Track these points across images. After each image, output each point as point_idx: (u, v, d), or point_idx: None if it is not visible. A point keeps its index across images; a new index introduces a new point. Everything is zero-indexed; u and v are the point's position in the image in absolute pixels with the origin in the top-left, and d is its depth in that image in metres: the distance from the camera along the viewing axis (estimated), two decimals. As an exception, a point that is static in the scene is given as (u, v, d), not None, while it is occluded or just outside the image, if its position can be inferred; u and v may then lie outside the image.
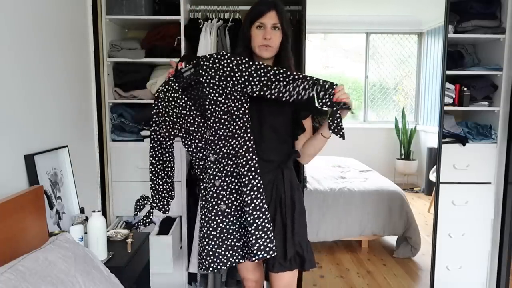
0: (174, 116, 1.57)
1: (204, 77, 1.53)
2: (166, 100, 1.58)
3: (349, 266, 3.16)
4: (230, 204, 1.56)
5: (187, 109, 1.57)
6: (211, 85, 1.53)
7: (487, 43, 2.62)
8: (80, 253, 1.33)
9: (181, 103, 1.57)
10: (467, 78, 2.60)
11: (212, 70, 1.52)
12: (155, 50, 2.43)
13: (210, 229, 1.55)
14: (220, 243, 1.55)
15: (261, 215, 1.50)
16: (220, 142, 1.55)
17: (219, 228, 1.55)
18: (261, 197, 1.51)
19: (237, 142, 1.53)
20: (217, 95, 1.53)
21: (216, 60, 1.52)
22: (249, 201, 1.49)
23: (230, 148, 1.54)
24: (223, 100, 1.53)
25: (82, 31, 2.20)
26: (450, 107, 2.57)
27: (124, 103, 2.50)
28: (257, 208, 1.50)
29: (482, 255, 2.61)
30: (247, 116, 1.52)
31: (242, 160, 1.51)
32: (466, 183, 2.54)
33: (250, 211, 1.49)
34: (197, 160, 1.62)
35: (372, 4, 4.91)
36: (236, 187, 1.56)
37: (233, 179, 1.56)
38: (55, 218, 1.73)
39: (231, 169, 1.55)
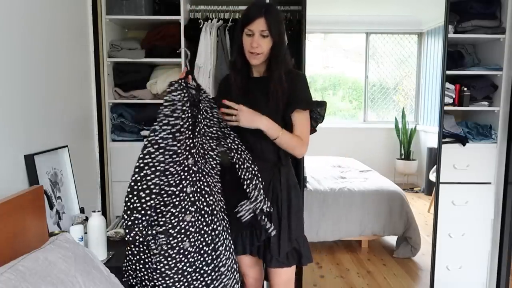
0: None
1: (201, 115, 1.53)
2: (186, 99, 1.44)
3: (349, 266, 3.16)
4: (193, 244, 1.44)
5: (187, 124, 1.43)
6: (204, 121, 1.54)
7: (487, 43, 2.62)
8: (80, 253, 1.33)
9: (183, 116, 1.42)
10: (467, 78, 2.60)
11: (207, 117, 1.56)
12: (155, 50, 2.43)
13: (166, 267, 1.40)
14: (170, 284, 1.42)
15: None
16: (199, 175, 1.46)
17: (176, 268, 1.42)
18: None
19: (208, 199, 1.50)
20: (203, 135, 1.54)
21: (210, 116, 1.56)
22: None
23: (204, 190, 1.49)
24: (204, 145, 1.54)
25: (82, 31, 2.20)
26: (450, 107, 2.57)
27: (124, 103, 2.50)
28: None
29: (482, 255, 2.61)
30: (216, 179, 1.54)
31: (207, 219, 1.48)
32: (466, 183, 2.54)
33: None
34: None
35: (372, 4, 4.91)
36: (201, 226, 1.46)
37: (200, 217, 1.46)
38: (55, 218, 1.73)
39: (201, 207, 1.46)
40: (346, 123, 6.09)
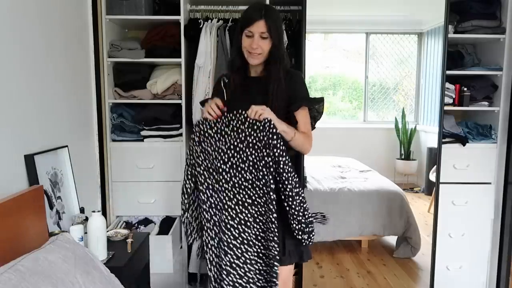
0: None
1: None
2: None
3: (349, 266, 3.16)
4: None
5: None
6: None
7: (487, 43, 2.62)
8: (80, 253, 1.33)
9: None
10: (467, 78, 2.60)
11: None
12: (155, 50, 2.43)
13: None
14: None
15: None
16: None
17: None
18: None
19: None
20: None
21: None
22: None
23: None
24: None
25: (82, 31, 2.20)
26: (450, 107, 2.56)
27: (124, 103, 2.50)
28: None
29: (482, 255, 2.60)
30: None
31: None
32: (466, 183, 2.54)
33: None
34: None
35: (372, 4, 4.91)
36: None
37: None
38: (55, 218, 1.73)
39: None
40: (346, 123, 6.09)
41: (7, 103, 1.50)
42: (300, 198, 1.57)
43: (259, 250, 1.58)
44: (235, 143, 1.53)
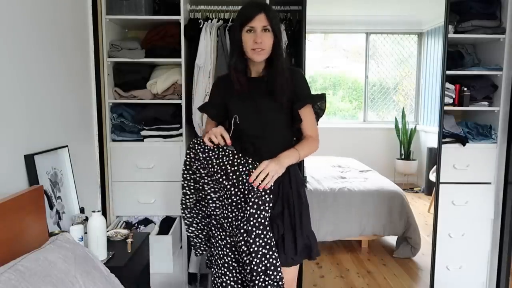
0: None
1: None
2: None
3: (349, 266, 3.16)
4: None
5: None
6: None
7: (487, 43, 2.62)
8: (80, 253, 1.33)
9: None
10: (467, 78, 2.60)
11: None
12: (155, 50, 2.43)
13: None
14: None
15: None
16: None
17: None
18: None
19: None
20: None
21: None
22: None
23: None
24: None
25: (82, 31, 2.20)
26: (450, 107, 2.56)
27: (124, 103, 2.50)
28: None
29: (482, 255, 2.60)
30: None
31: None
32: (466, 183, 2.54)
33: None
34: None
35: (372, 4, 4.91)
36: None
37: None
38: (55, 218, 1.73)
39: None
40: (346, 123, 6.10)
41: (7, 103, 1.50)
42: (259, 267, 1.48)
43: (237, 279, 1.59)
44: (221, 180, 1.53)
